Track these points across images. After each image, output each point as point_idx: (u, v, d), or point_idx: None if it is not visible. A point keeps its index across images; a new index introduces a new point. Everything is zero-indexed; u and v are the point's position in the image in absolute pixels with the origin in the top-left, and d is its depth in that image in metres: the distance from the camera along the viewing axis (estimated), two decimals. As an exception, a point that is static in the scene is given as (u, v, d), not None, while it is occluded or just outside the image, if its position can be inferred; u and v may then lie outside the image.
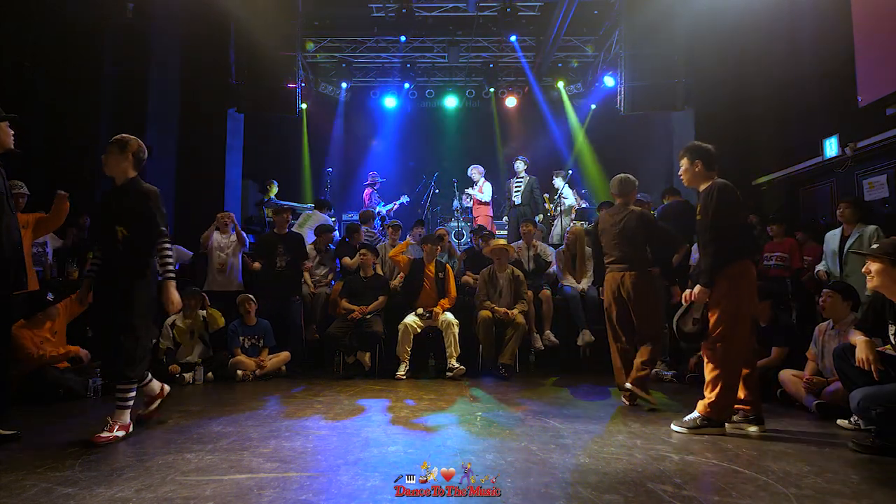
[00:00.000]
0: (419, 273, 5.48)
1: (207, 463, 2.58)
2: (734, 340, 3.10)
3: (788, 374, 3.94)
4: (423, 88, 10.97)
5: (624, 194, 4.08)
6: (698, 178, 3.34)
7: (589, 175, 10.77)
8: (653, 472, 2.47)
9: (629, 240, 3.96)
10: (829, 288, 3.90)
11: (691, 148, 3.38)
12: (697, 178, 3.34)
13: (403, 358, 5.13)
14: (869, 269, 2.82)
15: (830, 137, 6.10)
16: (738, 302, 3.11)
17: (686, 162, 3.37)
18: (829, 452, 2.83)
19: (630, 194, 4.10)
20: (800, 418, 3.60)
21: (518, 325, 5.12)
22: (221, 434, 3.11)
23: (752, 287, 3.19)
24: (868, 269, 2.83)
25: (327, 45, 9.89)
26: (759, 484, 2.34)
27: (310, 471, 2.47)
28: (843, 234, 4.75)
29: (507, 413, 3.71)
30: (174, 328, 5.09)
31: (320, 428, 3.27)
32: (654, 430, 3.24)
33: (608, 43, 9.33)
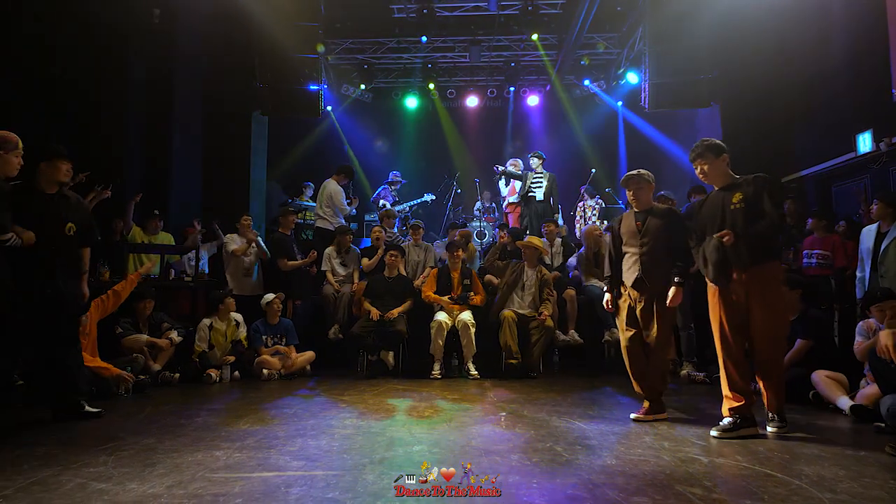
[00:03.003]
0: (445, 280, 5.51)
1: (236, 460, 2.62)
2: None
3: (822, 375, 3.82)
4: (444, 88, 10.98)
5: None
6: (727, 173, 3.26)
7: (612, 173, 10.65)
8: (681, 475, 2.43)
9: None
10: (881, 300, 3.70)
11: (710, 145, 3.25)
12: (727, 172, 3.25)
13: (438, 356, 5.15)
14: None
15: (864, 132, 5.93)
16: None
17: (711, 158, 3.23)
18: (865, 456, 2.74)
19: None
20: (834, 421, 3.51)
21: (545, 327, 5.10)
22: (249, 432, 3.15)
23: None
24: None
25: (349, 47, 9.96)
26: (792, 488, 2.28)
27: (336, 469, 2.50)
28: (878, 231, 4.60)
29: (532, 413, 3.69)
30: (211, 330, 5.16)
31: (346, 427, 3.30)
32: (682, 432, 3.18)
33: (632, 40, 9.21)
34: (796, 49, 6.77)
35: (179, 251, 6.26)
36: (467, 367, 5.15)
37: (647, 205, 3.61)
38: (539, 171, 8.00)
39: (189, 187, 7.81)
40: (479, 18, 9.29)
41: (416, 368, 5.18)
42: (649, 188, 3.64)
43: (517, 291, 5.43)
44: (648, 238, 3.50)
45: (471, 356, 5.17)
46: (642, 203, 3.60)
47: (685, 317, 5.10)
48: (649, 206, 3.62)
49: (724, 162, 3.25)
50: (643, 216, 3.57)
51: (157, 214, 6.22)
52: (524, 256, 5.50)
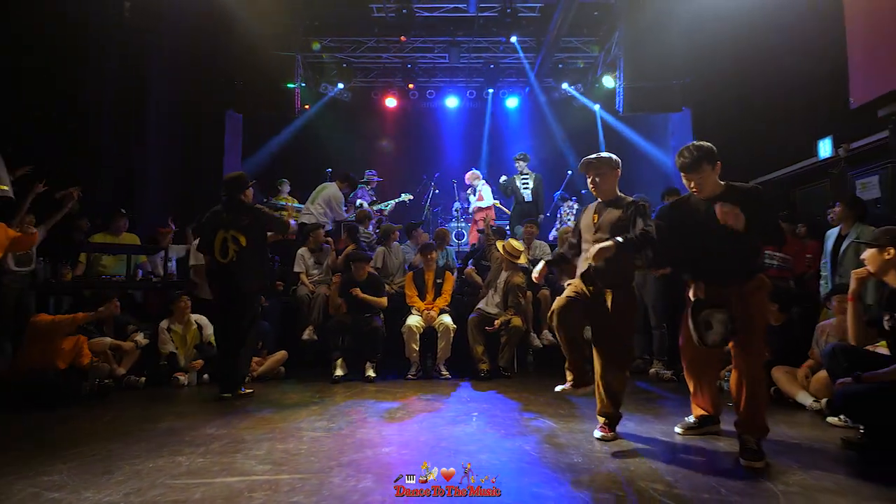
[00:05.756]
0: (420, 282, 5.51)
1: (198, 466, 2.58)
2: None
3: (781, 371, 3.94)
4: (423, 89, 10.96)
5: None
6: (717, 181, 2.92)
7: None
8: (645, 471, 2.47)
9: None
10: (837, 293, 3.88)
11: (707, 151, 2.86)
12: (717, 180, 2.91)
13: (413, 359, 5.15)
14: (865, 258, 2.87)
15: (825, 138, 6.11)
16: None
17: (707, 168, 2.85)
18: (818, 449, 2.85)
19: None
20: (793, 416, 3.60)
21: (513, 329, 5.13)
22: (214, 436, 3.10)
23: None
24: (864, 256, 2.88)
25: (328, 46, 9.89)
26: (750, 481, 2.34)
27: (302, 472, 2.48)
28: (840, 234, 4.73)
29: (503, 413, 3.71)
30: (170, 332, 5.03)
31: (315, 429, 3.27)
32: (649, 429, 3.23)
33: (608, 44, 9.31)
34: (763, 57, 6.93)
35: (146, 251, 6.10)
36: (438, 368, 5.18)
37: (609, 194, 3.18)
38: (525, 173, 8.07)
39: (161, 185, 7.66)
40: (459, 20, 9.29)
41: (390, 370, 5.17)
42: (612, 174, 3.18)
43: (492, 289, 5.47)
44: (602, 233, 3.10)
45: (444, 358, 5.18)
46: (603, 192, 3.17)
47: (658, 316, 5.18)
48: (613, 195, 3.18)
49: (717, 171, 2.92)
50: (603, 207, 3.18)
51: (124, 213, 6.01)
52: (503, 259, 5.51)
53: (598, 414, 3.13)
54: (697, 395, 3.16)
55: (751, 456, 2.58)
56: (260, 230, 4.44)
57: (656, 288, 5.18)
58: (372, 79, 10.95)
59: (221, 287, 4.41)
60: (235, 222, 4.35)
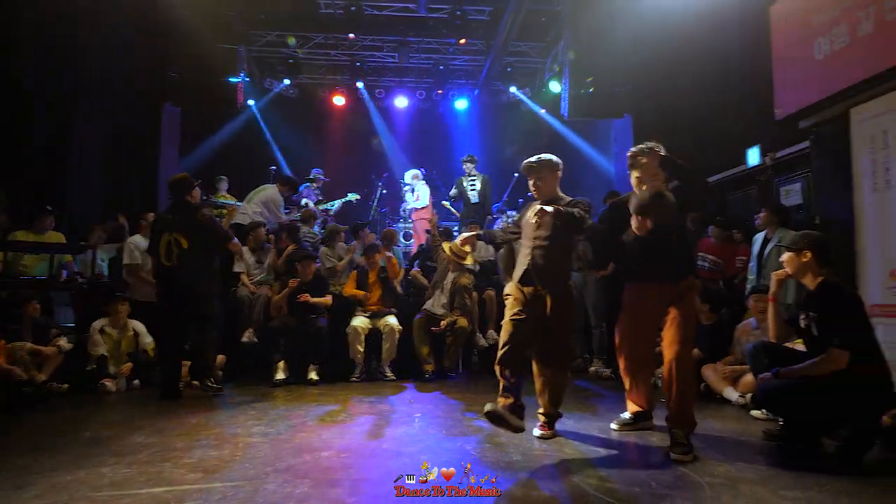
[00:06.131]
0: (363, 281, 5.45)
1: (123, 477, 2.44)
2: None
3: (710, 368, 4.15)
4: (373, 88, 10.86)
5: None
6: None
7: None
8: (580, 467, 2.54)
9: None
10: (757, 292, 4.13)
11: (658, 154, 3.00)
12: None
13: (358, 361, 5.07)
14: (784, 261, 3.03)
15: (753, 147, 6.45)
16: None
17: (658, 171, 2.99)
18: (742, 442, 3.01)
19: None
20: (720, 410, 3.79)
21: (458, 329, 5.16)
22: (142, 445, 2.95)
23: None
24: (783, 259, 3.04)
25: (273, 40, 9.64)
26: (678, 474, 2.44)
27: (235, 480, 2.39)
28: (765, 238, 5.02)
29: (446, 414, 3.72)
30: (103, 334, 4.78)
31: (252, 435, 3.16)
32: (587, 426, 3.32)
33: (555, 50, 9.53)
34: (700, 68, 7.25)
35: (70, 250, 5.74)
36: (383, 370, 5.13)
37: (550, 195, 3.19)
38: (473, 174, 8.13)
39: (91, 181, 7.23)
40: (408, 20, 9.26)
41: (334, 372, 5.07)
42: (553, 176, 3.20)
43: (438, 289, 5.48)
44: (543, 231, 3.09)
45: (389, 359, 5.14)
46: (544, 194, 3.17)
47: (597, 315, 5.33)
48: (553, 195, 3.20)
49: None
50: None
51: (49, 211, 5.63)
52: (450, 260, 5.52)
53: (539, 413, 3.18)
54: (633, 392, 3.26)
55: (680, 450, 2.69)
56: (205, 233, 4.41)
57: (596, 288, 5.34)
58: (319, 76, 10.75)
59: (167, 289, 4.39)
60: (179, 225, 4.32)
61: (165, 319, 4.46)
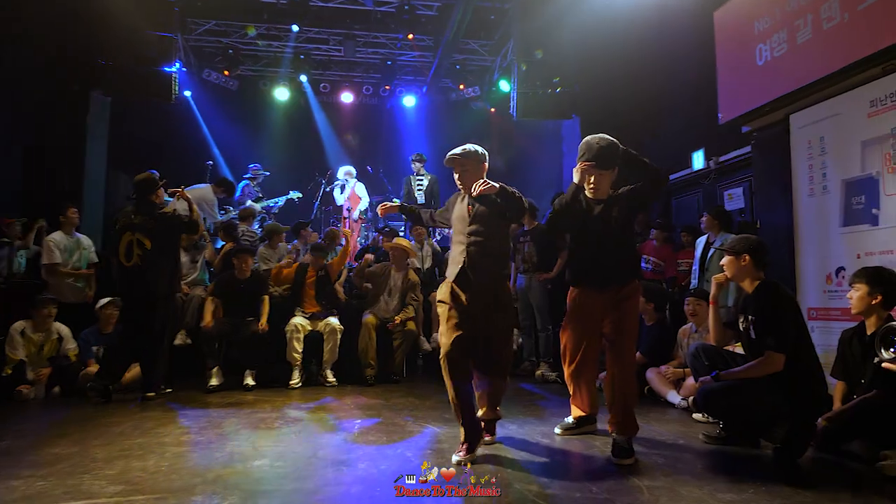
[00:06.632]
0: (301, 279, 5.25)
1: (38, 490, 2.26)
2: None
3: (654, 371, 4.23)
4: (317, 82, 10.55)
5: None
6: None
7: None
8: (521, 473, 2.50)
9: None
10: (692, 295, 4.23)
11: (615, 149, 2.99)
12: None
13: (295, 363, 4.84)
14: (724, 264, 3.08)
15: (698, 151, 6.63)
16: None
17: (608, 173, 3.00)
18: (683, 445, 3.04)
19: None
20: (664, 413, 3.84)
21: (407, 332, 5.06)
22: (60, 456, 2.73)
23: None
24: (723, 263, 3.09)
25: (212, 29, 9.19)
26: (619, 479, 2.44)
27: (159, 492, 2.24)
28: (707, 241, 5.17)
29: (389, 419, 3.61)
30: (24, 337, 4.44)
31: (180, 444, 2.98)
32: (530, 431, 3.29)
33: (504, 49, 9.55)
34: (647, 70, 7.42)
35: None
36: (324, 374, 4.94)
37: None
38: (421, 174, 8.02)
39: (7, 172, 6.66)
40: (355, 12, 9.04)
41: (275, 377, 4.86)
42: (479, 169, 3.00)
43: (384, 295, 5.32)
44: (478, 225, 2.92)
45: (331, 363, 4.97)
46: (468, 186, 2.94)
47: (543, 318, 5.33)
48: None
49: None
50: (476, 199, 2.95)
51: None
52: (391, 258, 5.40)
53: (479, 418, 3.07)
54: (577, 397, 3.26)
55: (621, 454, 2.69)
56: (168, 233, 4.37)
57: (542, 291, 5.35)
58: (261, 67, 10.35)
59: (126, 291, 4.39)
60: (142, 225, 4.27)
61: (129, 319, 4.43)
